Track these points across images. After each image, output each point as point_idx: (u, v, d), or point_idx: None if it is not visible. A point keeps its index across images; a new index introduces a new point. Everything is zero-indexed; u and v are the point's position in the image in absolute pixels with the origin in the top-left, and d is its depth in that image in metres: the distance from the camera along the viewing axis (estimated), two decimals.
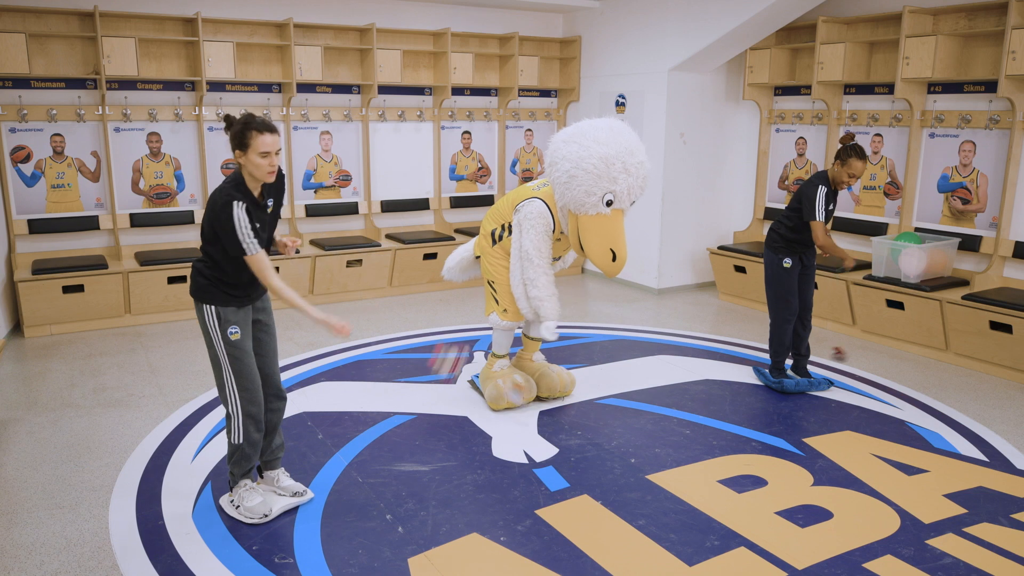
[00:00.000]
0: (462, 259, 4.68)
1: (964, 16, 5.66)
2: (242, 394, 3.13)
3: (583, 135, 3.85)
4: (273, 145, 2.96)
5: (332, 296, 6.85)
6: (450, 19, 7.51)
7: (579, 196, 3.84)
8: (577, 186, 3.82)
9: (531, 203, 4.12)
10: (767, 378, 4.82)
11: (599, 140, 3.80)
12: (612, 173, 3.79)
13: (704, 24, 6.53)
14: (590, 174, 3.78)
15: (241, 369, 3.11)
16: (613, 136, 3.83)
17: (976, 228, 5.74)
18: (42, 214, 6.13)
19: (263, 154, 2.94)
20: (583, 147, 3.81)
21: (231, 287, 3.09)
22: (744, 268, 6.77)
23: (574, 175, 3.81)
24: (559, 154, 3.89)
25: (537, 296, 4.11)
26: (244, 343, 3.12)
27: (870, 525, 3.22)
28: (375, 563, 2.93)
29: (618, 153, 3.79)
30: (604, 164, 3.77)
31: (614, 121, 3.96)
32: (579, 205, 3.88)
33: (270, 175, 3.00)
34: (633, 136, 3.92)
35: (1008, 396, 4.78)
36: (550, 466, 3.72)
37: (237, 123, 2.98)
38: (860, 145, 4.44)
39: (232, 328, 3.08)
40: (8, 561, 2.96)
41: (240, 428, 3.15)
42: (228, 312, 3.08)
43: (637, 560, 2.96)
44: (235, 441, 3.17)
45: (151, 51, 6.26)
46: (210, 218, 2.99)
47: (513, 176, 8.21)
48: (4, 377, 4.92)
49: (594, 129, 3.87)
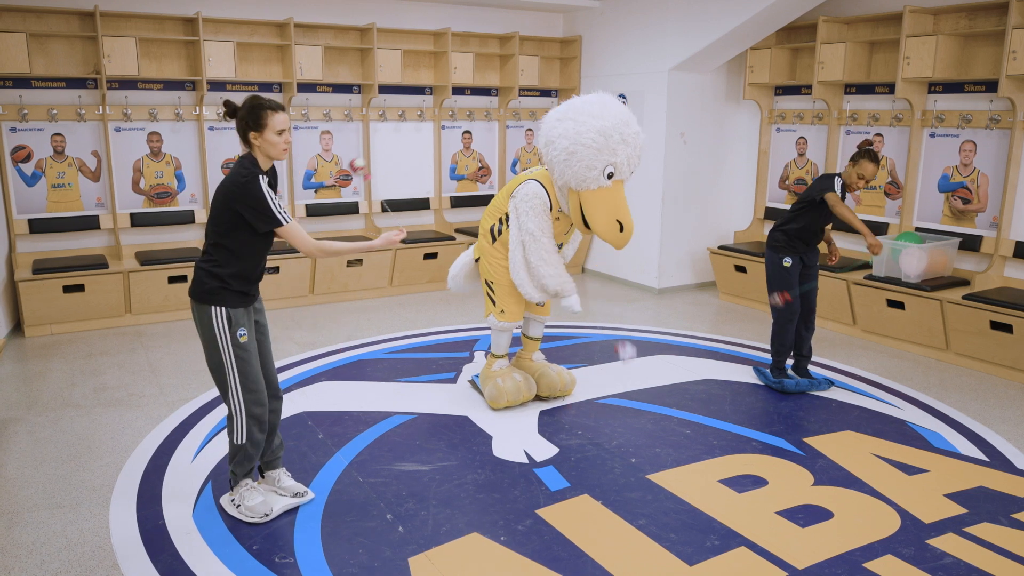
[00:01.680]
0: (465, 265, 4.61)
1: (965, 16, 5.66)
2: (247, 396, 3.12)
3: (577, 111, 3.87)
4: (287, 122, 3.03)
5: (332, 296, 6.85)
6: (450, 19, 7.51)
7: (580, 171, 3.85)
8: (577, 161, 3.83)
9: (527, 184, 4.11)
10: (767, 378, 4.82)
11: (594, 114, 3.82)
12: (611, 145, 3.81)
13: (704, 24, 6.53)
14: (590, 148, 3.80)
15: (247, 371, 3.10)
16: (606, 109, 3.86)
17: (977, 228, 5.74)
18: (42, 214, 6.13)
19: (279, 132, 3.00)
20: (579, 123, 3.82)
21: (244, 283, 3.08)
22: (744, 268, 6.77)
23: (573, 151, 3.82)
24: (555, 132, 3.90)
25: (549, 274, 4.08)
26: (251, 344, 3.11)
27: (870, 525, 3.22)
28: (375, 563, 2.93)
29: (615, 125, 3.81)
30: (603, 137, 3.79)
31: (603, 95, 3.98)
32: (581, 180, 3.88)
33: (285, 152, 3.05)
34: (624, 108, 3.95)
35: (1008, 396, 4.78)
36: (550, 466, 3.72)
37: (246, 106, 3.02)
38: (875, 151, 4.46)
39: (241, 330, 3.07)
40: (9, 561, 2.96)
41: (244, 429, 3.14)
42: (238, 314, 3.07)
43: (637, 560, 2.97)
44: (238, 442, 3.17)
45: (152, 51, 6.26)
46: (231, 199, 2.96)
47: (513, 176, 8.20)
48: (4, 377, 4.93)
49: (586, 104, 3.89)
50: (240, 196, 2.94)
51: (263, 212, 2.95)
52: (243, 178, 2.95)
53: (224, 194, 2.98)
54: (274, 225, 2.99)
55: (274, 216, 2.97)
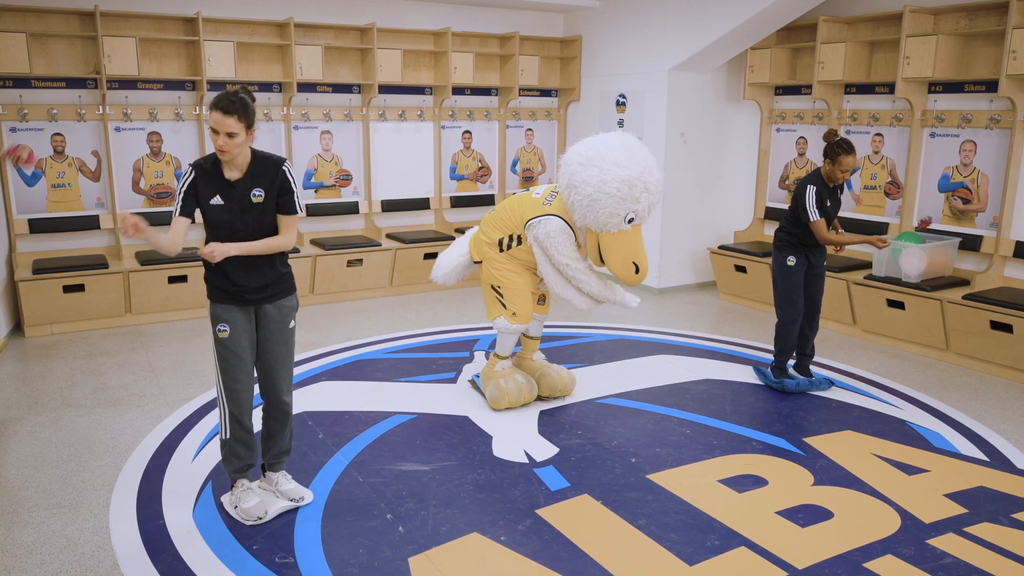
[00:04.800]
0: (457, 265, 4.59)
1: (965, 16, 5.66)
2: (227, 393, 3.15)
3: (602, 159, 3.87)
4: (221, 125, 2.90)
5: (332, 296, 6.85)
6: (450, 19, 7.51)
7: (602, 217, 3.89)
8: (601, 209, 3.86)
9: (548, 221, 4.09)
10: (768, 377, 4.82)
11: (619, 163, 3.84)
12: (635, 194, 3.85)
13: (704, 24, 6.53)
14: (613, 197, 3.83)
15: (226, 368, 3.12)
16: (631, 156, 3.88)
17: (977, 228, 5.74)
18: (43, 214, 6.13)
19: (213, 130, 2.95)
20: (604, 171, 3.83)
21: (220, 279, 3.10)
22: (745, 268, 6.77)
23: (596, 199, 3.85)
24: (578, 178, 3.90)
25: (599, 290, 4.19)
26: (231, 343, 3.10)
27: (870, 525, 3.22)
28: (376, 562, 2.93)
29: (639, 174, 3.85)
30: (627, 187, 3.82)
31: (626, 137, 3.98)
32: (601, 225, 3.93)
33: (220, 153, 2.98)
34: (646, 152, 3.97)
35: (1009, 396, 4.78)
36: (550, 466, 3.72)
37: None
38: (845, 139, 4.43)
39: (221, 325, 3.09)
40: (9, 560, 2.96)
41: (227, 424, 3.19)
42: (218, 308, 3.11)
43: (637, 560, 2.97)
44: (223, 436, 3.22)
45: (152, 51, 6.26)
46: None
47: (513, 176, 8.21)
48: (5, 377, 4.93)
49: (611, 151, 3.88)
50: None
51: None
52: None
53: None
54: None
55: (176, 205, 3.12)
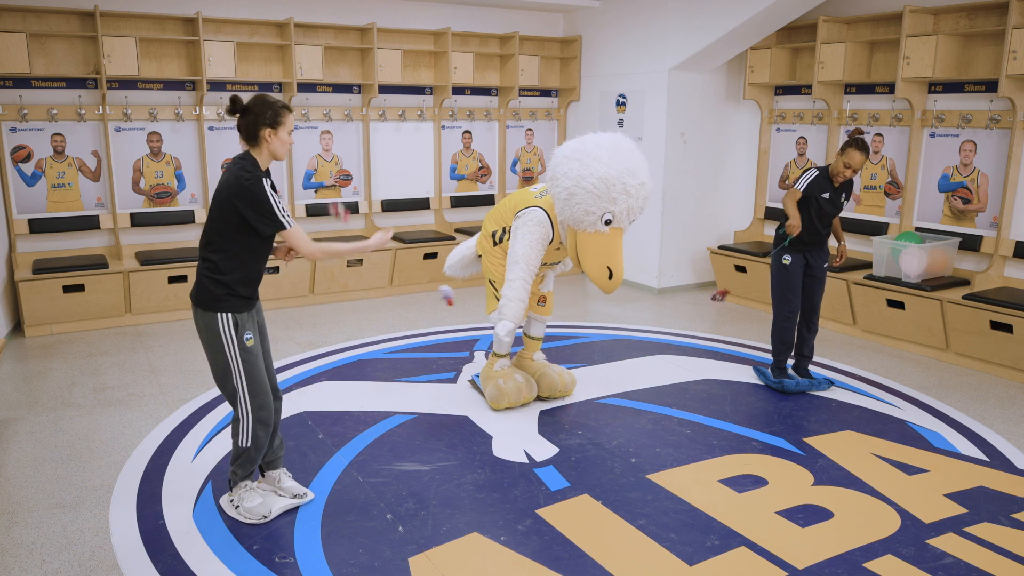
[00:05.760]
0: (463, 256, 4.70)
1: (965, 16, 5.66)
2: (253, 400, 3.11)
3: (586, 153, 3.81)
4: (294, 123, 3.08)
5: (332, 296, 6.85)
6: (450, 19, 7.51)
7: (577, 214, 3.83)
8: (576, 204, 3.80)
9: (532, 211, 4.12)
10: (767, 378, 4.82)
11: (600, 160, 3.76)
12: (612, 194, 3.76)
13: (704, 24, 6.52)
14: (589, 193, 3.76)
15: (254, 374, 3.09)
16: (615, 156, 3.79)
17: (977, 228, 5.74)
18: (43, 214, 6.13)
19: (290, 132, 3.03)
20: (584, 165, 3.77)
21: (249, 287, 3.07)
22: (744, 268, 6.77)
23: (573, 193, 3.79)
24: (560, 170, 3.86)
25: (507, 295, 4.13)
26: (257, 348, 3.11)
27: (870, 525, 3.22)
28: (376, 562, 2.93)
29: (619, 174, 3.75)
30: (604, 185, 3.74)
31: (619, 138, 3.90)
32: (577, 222, 3.87)
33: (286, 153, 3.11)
34: (636, 155, 3.87)
35: (1009, 396, 4.78)
36: (550, 466, 3.72)
37: (261, 102, 2.99)
38: (862, 139, 4.44)
39: (248, 334, 3.06)
40: (9, 560, 2.96)
41: (249, 432, 3.13)
42: (244, 318, 3.06)
43: (637, 560, 2.96)
44: (242, 444, 3.15)
45: (152, 51, 6.26)
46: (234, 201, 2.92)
47: (514, 176, 8.21)
48: (5, 377, 4.93)
49: (597, 147, 3.82)
50: (244, 198, 2.91)
51: (267, 215, 2.94)
52: (247, 180, 2.91)
53: (226, 195, 2.95)
54: (278, 228, 2.98)
55: (278, 219, 2.96)
